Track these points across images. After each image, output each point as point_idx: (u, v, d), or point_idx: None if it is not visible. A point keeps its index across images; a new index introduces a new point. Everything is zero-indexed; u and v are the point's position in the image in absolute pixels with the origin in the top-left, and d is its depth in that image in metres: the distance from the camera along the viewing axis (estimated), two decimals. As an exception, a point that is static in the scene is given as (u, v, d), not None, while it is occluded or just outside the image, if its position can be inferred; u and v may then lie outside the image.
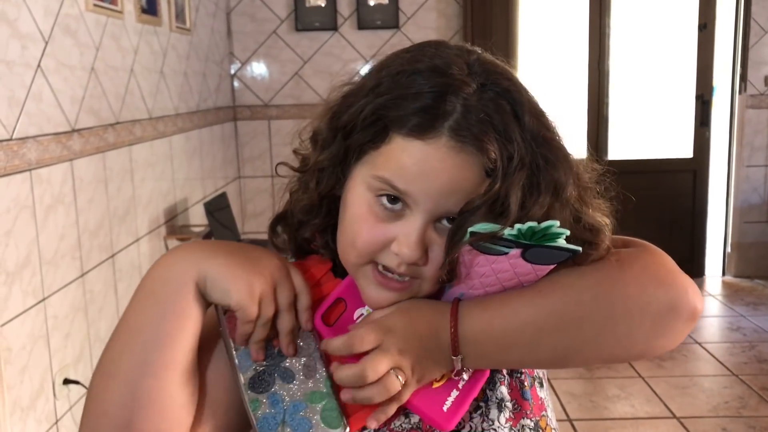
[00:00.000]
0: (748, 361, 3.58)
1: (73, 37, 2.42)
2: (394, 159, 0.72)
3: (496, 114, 0.71)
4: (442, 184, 0.71)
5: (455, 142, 0.70)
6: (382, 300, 0.76)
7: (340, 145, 0.76)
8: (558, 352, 0.75)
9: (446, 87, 0.71)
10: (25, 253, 2.08)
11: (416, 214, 0.73)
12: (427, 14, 4.61)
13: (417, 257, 0.73)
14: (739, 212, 4.91)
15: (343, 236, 0.77)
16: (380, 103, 0.73)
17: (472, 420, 0.79)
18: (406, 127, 0.71)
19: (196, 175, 3.78)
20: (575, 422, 3.00)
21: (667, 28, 4.92)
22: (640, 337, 0.74)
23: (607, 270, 0.75)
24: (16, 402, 2.02)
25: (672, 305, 0.73)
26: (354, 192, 0.76)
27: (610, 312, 0.73)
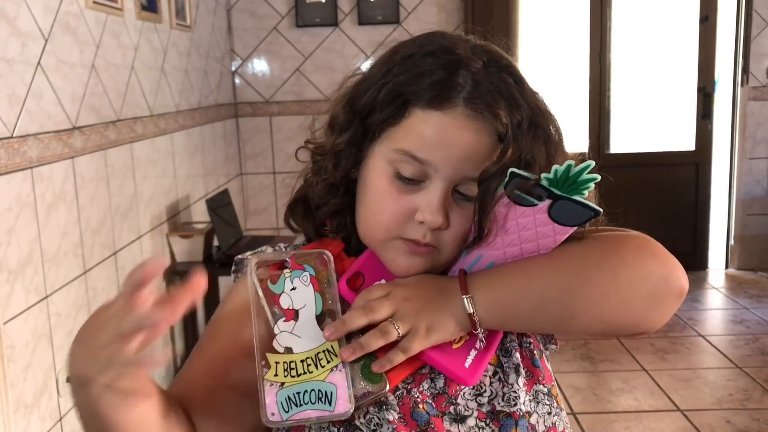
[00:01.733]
0: (751, 354, 3.58)
1: (73, 35, 2.42)
2: (414, 131, 0.79)
3: (502, 84, 0.79)
4: (460, 150, 0.78)
5: (470, 110, 0.77)
6: (410, 267, 0.82)
7: (357, 127, 0.82)
8: (564, 313, 0.80)
9: (456, 63, 0.79)
10: (27, 251, 2.08)
11: (436, 182, 0.79)
12: (427, 9, 4.60)
13: (440, 221, 0.79)
14: (742, 205, 4.90)
15: (366, 212, 0.83)
16: (398, 81, 0.80)
17: (492, 385, 0.83)
18: (424, 99, 0.78)
19: (198, 172, 3.78)
20: (579, 416, 3.00)
21: (669, 20, 4.91)
22: (637, 305, 0.80)
23: (609, 243, 0.82)
24: (19, 399, 2.02)
25: (665, 279, 0.80)
26: (375, 168, 0.82)
27: (613, 277, 0.79)
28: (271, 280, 0.79)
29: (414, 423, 0.80)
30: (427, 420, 0.80)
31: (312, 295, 0.80)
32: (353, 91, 0.84)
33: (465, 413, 0.81)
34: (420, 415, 0.80)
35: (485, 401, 0.82)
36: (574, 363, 3.49)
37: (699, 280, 4.81)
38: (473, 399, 0.82)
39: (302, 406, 0.75)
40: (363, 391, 0.77)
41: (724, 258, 5.05)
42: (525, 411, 0.82)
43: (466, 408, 0.81)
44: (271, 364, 0.76)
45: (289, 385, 0.76)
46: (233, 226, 3.67)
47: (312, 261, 0.82)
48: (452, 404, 0.81)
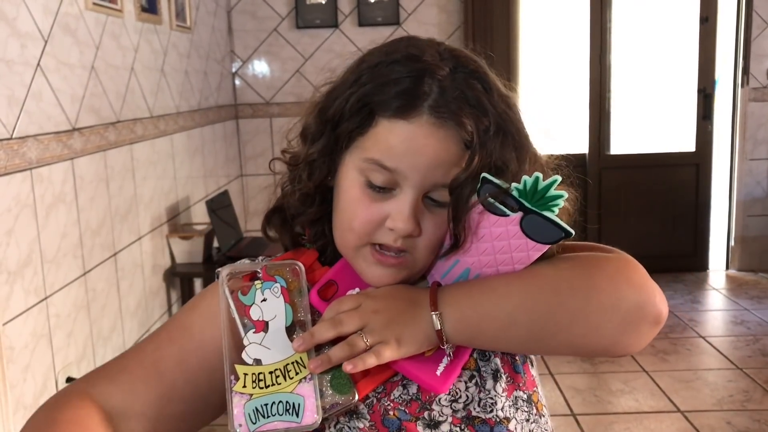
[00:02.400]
0: (752, 355, 3.57)
1: (73, 36, 2.42)
2: (381, 140, 0.79)
3: (469, 91, 0.78)
4: (428, 158, 0.77)
5: (435, 119, 0.77)
6: (382, 277, 0.82)
7: (329, 136, 0.82)
8: (531, 337, 0.79)
9: (422, 71, 0.79)
10: (26, 252, 2.08)
11: (406, 190, 0.79)
12: (427, 10, 4.60)
13: (411, 229, 0.78)
14: (743, 206, 4.90)
15: (340, 221, 0.83)
16: (364, 91, 0.79)
17: (468, 390, 0.83)
18: (390, 110, 0.78)
19: (198, 174, 3.78)
20: (579, 417, 3.00)
21: (669, 21, 4.91)
22: (609, 332, 0.78)
23: (584, 266, 0.80)
24: (19, 400, 2.02)
25: (640, 306, 0.78)
26: (347, 178, 0.82)
27: (584, 302, 0.78)
28: (242, 292, 0.79)
29: (385, 430, 0.80)
30: (399, 426, 0.80)
31: (282, 307, 0.80)
32: (324, 101, 0.84)
33: (439, 419, 0.81)
34: (391, 422, 0.80)
35: (460, 407, 0.82)
36: (574, 364, 3.49)
37: (699, 281, 4.80)
38: (448, 405, 0.82)
39: (270, 417, 0.75)
40: (332, 402, 0.77)
41: (725, 259, 5.04)
42: (503, 417, 0.82)
43: (440, 414, 0.81)
44: (239, 375, 0.77)
45: (257, 397, 0.76)
46: (233, 227, 3.67)
47: (283, 272, 0.82)
48: (426, 410, 0.81)
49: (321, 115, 0.83)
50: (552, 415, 3.28)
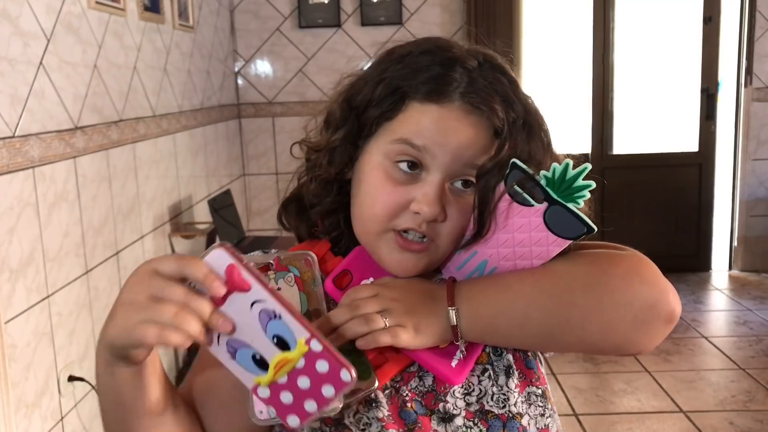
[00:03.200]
0: (755, 355, 3.57)
1: (76, 35, 2.42)
2: (412, 122, 0.79)
3: (497, 83, 0.80)
4: (458, 139, 0.78)
5: (467, 105, 0.79)
6: (405, 263, 0.81)
7: (353, 124, 0.83)
8: (544, 334, 0.80)
9: (453, 60, 0.81)
10: (28, 250, 2.09)
11: (433, 173, 0.79)
12: (430, 10, 4.60)
13: (437, 213, 0.78)
14: (746, 206, 4.89)
15: (361, 207, 0.83)
16: (395, 76, 0.81)
17: (481, 383, 0.83)
18: (421, 93, 0.79)
19: (201, 173, 3.78)
20: (581, 417, 2.99)
21: (672, 21, 4.90)
22: (622, 330, 0.78)
23: (598, 264, 0.80)
24: (21, 399, 2.02)
25: (653, 304, 0.78)
26: (370, 163, 0.82)
27: (597, 301, 0.78)
28: None
29: (402, 422, 0.80)
30: (415, 419, 0.80)
31: (297, 296, 0.79)
32: (350, 89, 0.85)
33: (453, 412, 0.81)
34: (408, 414, 0.80)
35: (474, 400, 0.82)
36: (576, 364, 3.49)
37: (702, 282, 4.80)
38: (462, 398, 0.82)
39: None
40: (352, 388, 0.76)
41: (728, 259, 5.03)
42: (515, 413, 0.82)
43: (454, 407, 0.81)
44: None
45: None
46: (236, 226, 3.67)
47: (296, 262, 0.81)
48: (441, 401, 0.82)
49: (347, 102, 0.84)
50: (554, 415, 3.24)
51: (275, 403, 0.69)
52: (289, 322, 0.67)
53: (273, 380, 0.69)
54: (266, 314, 0.68)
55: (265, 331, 0.68)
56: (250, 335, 0.68)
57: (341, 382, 0.67)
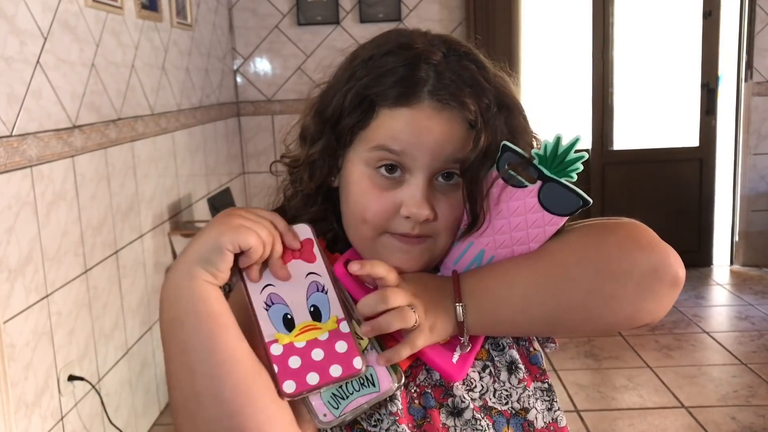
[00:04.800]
0: (756, 350, 3.56)
1: (73, 33, 2.42)
2: (385, 128, 0.79)
3: (464, 72, 0.79)
4: (434, 137, 0.77)
5: (437, 102, 0.77)
6: (408, 260, 0.81)
7: (329, 136, 0.82)
8: (549, 316, 0.78)
9: (416, 58, 0.79)
10: (27, 249, 2.08)
11: (416, 174, 0.79)
12: (429, 5, 4.59)
13: (426, 213, 0.78)
14: (747, 201, 4.88)
15: (351, 216, 0.82)
16: (361, 84, 0.80)
17: (482, 380, 0.83)
18: (390, 99, 0.78)
19: (200, 171, 3.78)
20: (583, 413, 2.98)
21: (672, 15, 4.89)
22: (626, 300, 0.76)
23: (591, 235, 0.78)
24: (20, 398, 2.02)
25: (654, 268, 0.75)
26: (353, 172, 0.82)
27: (595, 274, 0.76)
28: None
29: (410, 417, 0.80)
30: (424, 415, 0.80)
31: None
32: (320, 101, 0.85)
33: (462, 405, 0.81)
34: (416, 410, 0.80)
35: (476, 396, 0.82)
36: (577, 360, 3.48)
37: (703, 277, 4.79)
38: (466, 393, 0.82)
39: (349, 397, 0.74)
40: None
41: (729, 254, 5.02)
42: (519, 408, 0.82)
43: (462, 400, 0.81)
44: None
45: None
46: (235, 224, 3.66)
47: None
48: (450, 396, 0.81)
49: (319, 115, 0.84)
50: (555, 412, 3.23)
51: (281, 363, 0.73)
52: (332, 299, 0.75)
53: (292, 341, 0.74)
54: (315, 285, 0.76)
55: (307, 298, 0.76)
56: (292, 296, 0.75)
57: (351, 368, 0.72)
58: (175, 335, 0.72)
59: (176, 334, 0.72)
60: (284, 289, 0.75)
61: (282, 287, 0.75)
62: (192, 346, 0.71)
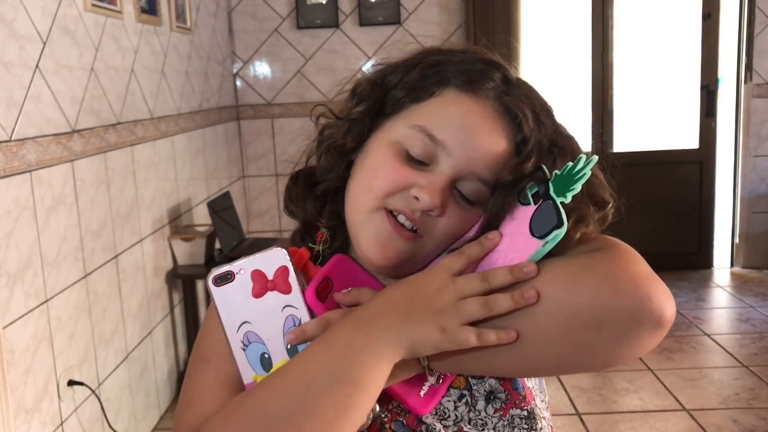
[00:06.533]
0: (758, 352, 3.55)
1: (72, 38, 2.41)
2: (440, 109, 0.78)
3: (533, 98, 0.80)
4: (480, 139, 0.76)
5: (500, 106, 0.78)
6: (389, 248, 0.77)
7: (378, 100, 0.81)
8: (515, 366, 0.72)
9: (496, 65, 0.81)
10: (26, 254, 2.08)
11: (443, 167, 0.76)
12: (429, 9, 4.59)
13: (436, 204, 0.75)
14: (747, 203, 4.87)
15: (357, 185, 0.80)
16: (435, 60, 0.80)
17: (457, 409, 0.78)
18: (460, 80, 0.78)
19: (200, 175, 3.77)
20: (584, 416, 2.98)
21: (671, 17, 4.89)
22: (601, 348, 0.69)
23: (561, 280, 0.69)
24: (20, 404, 2.01)
25: (632, 315, 0.67)
26: (383, 140, 0.79)
27: (563, 325, 0.68)
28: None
29: None
30: None
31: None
32: (384, 69, 0.84)
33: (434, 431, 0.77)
34: None
35: (450, 423, 0.78)
36: (578, 363, 3.47)
37: (704, 279, 4.78)
38: (439, 422, 0.78)
39: None
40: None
41: (730, 256, 5.02)
42: None
43: (434, 427, 0.77)
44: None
45: None
46: (235, 228, 3.66)
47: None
48: (423, 423, 0.77)
49: (378, 78, 0.83)
50: (557, 415, 3.25)
51: None
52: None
53: None
54: (292, 320, 0.73)
55: (284, 335, 0.72)
56: (268, 333, 0.72)
57: None
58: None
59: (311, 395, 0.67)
60: (260, 326, 0.73)
61: (258, 324, 0.73)
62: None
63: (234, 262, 0.73)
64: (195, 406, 0.76)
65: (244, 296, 0.73)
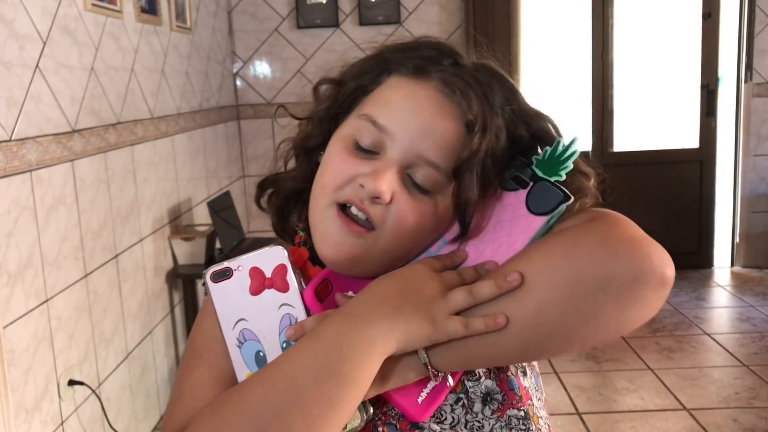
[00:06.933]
0: (758, 352, 3.55)
1: (72, 37, 2.41)
2: (383, 95, 0.77)
3: (486, 83, 0.77)
4: (423, 121, 0.74)
5: (443, 87, 0.75)
6: (341, 245, 0.75)
7: (337, 97, 0.82)
8: (524, 345, 0.70)
9: (447, 51, 0.79)
10: (26, 254, 2.08)
11: (390, 154, 0.75)
12: (428, 8, 4.59)
13: (381, 190, 0.72)
14: (747, 202, 4.88)
15: (316, 184, 0.79)
16: (385, 51, 0.81)
17: (454, 411, 0.77)
18: (404, 67, 0.78)
19: (200, 175, 3.77)
20: (584, 416, 2.98)
21: (671, 17, 4.89)
22: (609, 315, 0.68)
23: (559, 249, 0.70)
24: (20, 403, 2.01)
25: (634, 276, 0.67)
26: (335, 137, 0.79)
27: (568, 294, 0.67)
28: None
29: None
30: None
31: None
32: (343, 69, 0.85)
33: None
34: None
35: (447, 427, 0.76)
36: (578, 362, 3.47)
37: (704, 278, 4.78)
38: (435, 424, 0.76)
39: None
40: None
41: (730, 256, 5.02)
42: None
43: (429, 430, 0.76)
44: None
45: None
46: (235, 228, 3.66)
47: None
48: (417, 428, 0.76)
49: (337, 77, 0.84)
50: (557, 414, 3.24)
51: None
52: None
53: None
54: (289, 319, 0.72)
55: (279, 333, 0.72)
56: (264, 332, 0.72)
57: None
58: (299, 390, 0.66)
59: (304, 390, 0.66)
60: (256, 324, 0.72)
61: (254, 322, 0.72)
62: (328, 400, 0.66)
63: (233, 259, 0.73)
64: (186, 402, 0.76)
65: (242, 293, 0.72)
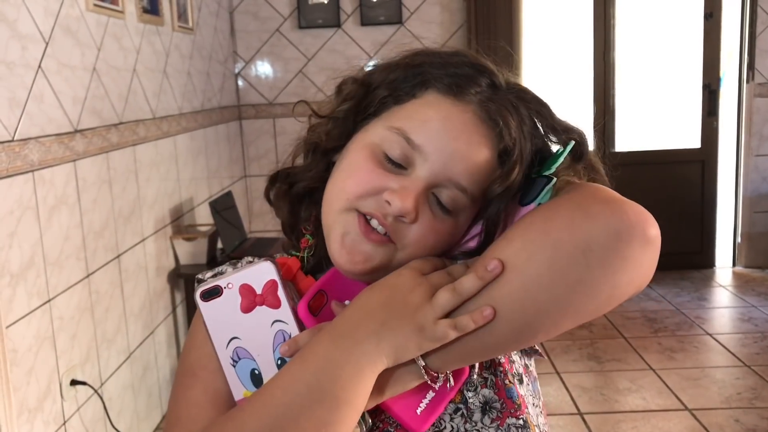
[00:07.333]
0: (760, 352, 3.55)
1: (74, 38, 2.42)
2: (419, 112, 0.74)
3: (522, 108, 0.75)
4: (458, 145, 0.72)
5: (480, 112, 0.74)
6: (357, 253, 0.73)
7: (362, 98, 0.79)
8: (518, 327, 0.67)
9: (483, 70, 0.77)
10: (29, 254, 2.08)
11: (420, 172, 0.73)
12: (430, 9, 4.59)
13: (408, 209, 0.71)
14: (749, 202, 4.87)
15: (333, 183, 0.77)
16: (420, 61, 0.77)
17: (453, 421, 0.76)
18: (444, 83, 0.75)
19: (202, 175, 3.78)
20: (586, 416, 2.98)
21: (673, 17, 4.89)
22: (597, 279, 0.64)
23: (536, 225, 0.67)
24: (22, 403, 2.01)
25: (615, 234, 0.64)
26: (359, 142, 0.77)
27: (550, 265, 0.64)
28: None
29: None
30: None
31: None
32: (370, 70, 0.81)
33: None
34: None
35: None
36: (580, 363, 3.47)
37: (706, 279, 4.78)
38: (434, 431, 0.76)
39: None
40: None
41: (732, 256, 5.02)
42: None
43: None
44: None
45: None
46: (237, 228, 3.67)
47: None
48: None
49: (363, 78, 0.80)
50: (559, 415, 3.24)
51: None
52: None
53: None
54: (282, 335, 0.71)
55: (273, 350, 0.71)
56: (258, 349, 0.71)
57: None
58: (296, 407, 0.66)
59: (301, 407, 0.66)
60: (250, 341, 0.71)
61: (248, 340, 0.71)
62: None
63: (222, 277, 0.71)
64: (183, 425, 0.75)
65: (233, 311, 0.71)
